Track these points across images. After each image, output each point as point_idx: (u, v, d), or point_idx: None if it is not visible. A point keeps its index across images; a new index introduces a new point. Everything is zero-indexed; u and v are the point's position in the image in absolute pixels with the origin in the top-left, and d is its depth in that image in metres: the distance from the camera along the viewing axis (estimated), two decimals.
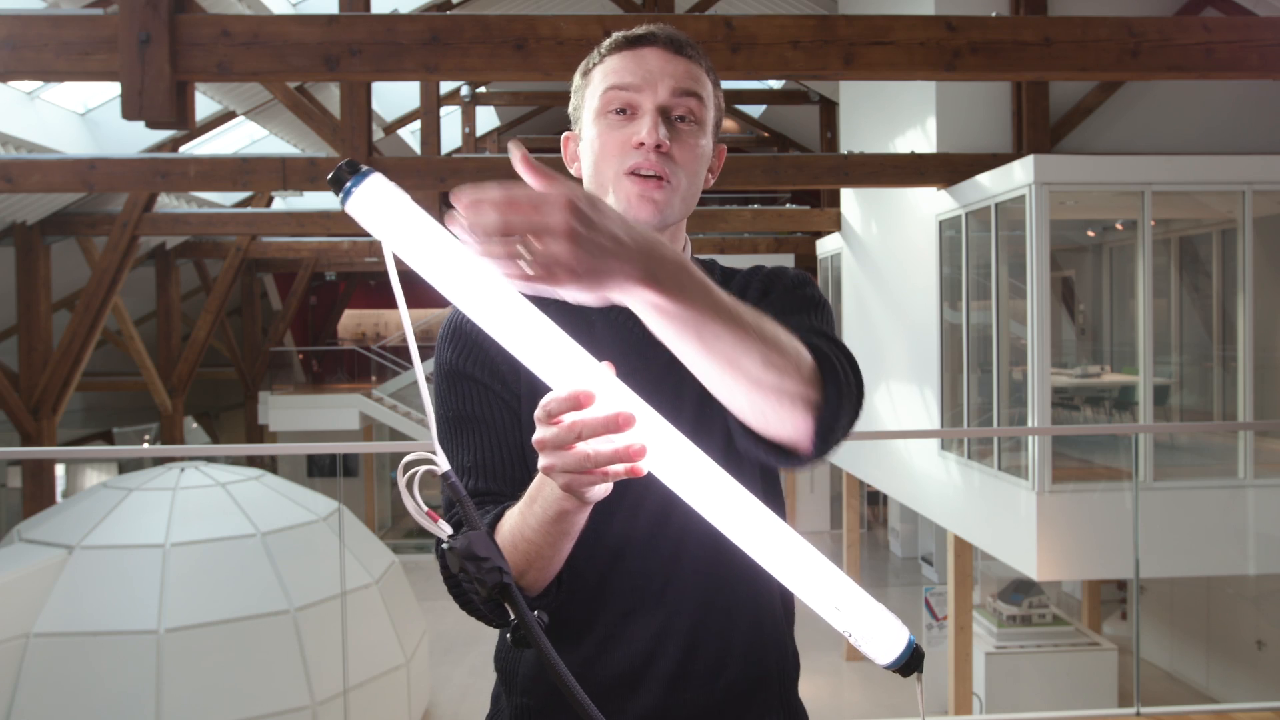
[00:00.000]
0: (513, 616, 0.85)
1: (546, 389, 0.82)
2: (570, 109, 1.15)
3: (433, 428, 0.87)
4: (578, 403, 0.78)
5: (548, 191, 0.70)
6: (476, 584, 0.83)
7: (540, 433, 0.80)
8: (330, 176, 0.77)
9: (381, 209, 0.77)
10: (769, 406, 0.87)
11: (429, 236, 0.77)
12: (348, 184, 0.77)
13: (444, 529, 0.84)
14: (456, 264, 0.78)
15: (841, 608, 0.89)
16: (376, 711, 7.66)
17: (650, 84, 1.06)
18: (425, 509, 0.82)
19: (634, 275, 0.74)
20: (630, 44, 1.08)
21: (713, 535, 0.87)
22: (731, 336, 0.81)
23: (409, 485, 0.81)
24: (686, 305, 0.78)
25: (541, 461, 0.82)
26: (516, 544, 0.95)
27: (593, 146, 1.08)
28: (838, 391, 0.90)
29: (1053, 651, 8.27)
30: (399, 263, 0.80)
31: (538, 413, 0.80)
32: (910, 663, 0.91)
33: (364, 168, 0.77)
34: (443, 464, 0.84)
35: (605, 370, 0.81)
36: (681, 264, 0.78)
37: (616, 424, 0.78)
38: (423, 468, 0.83)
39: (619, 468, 0.79)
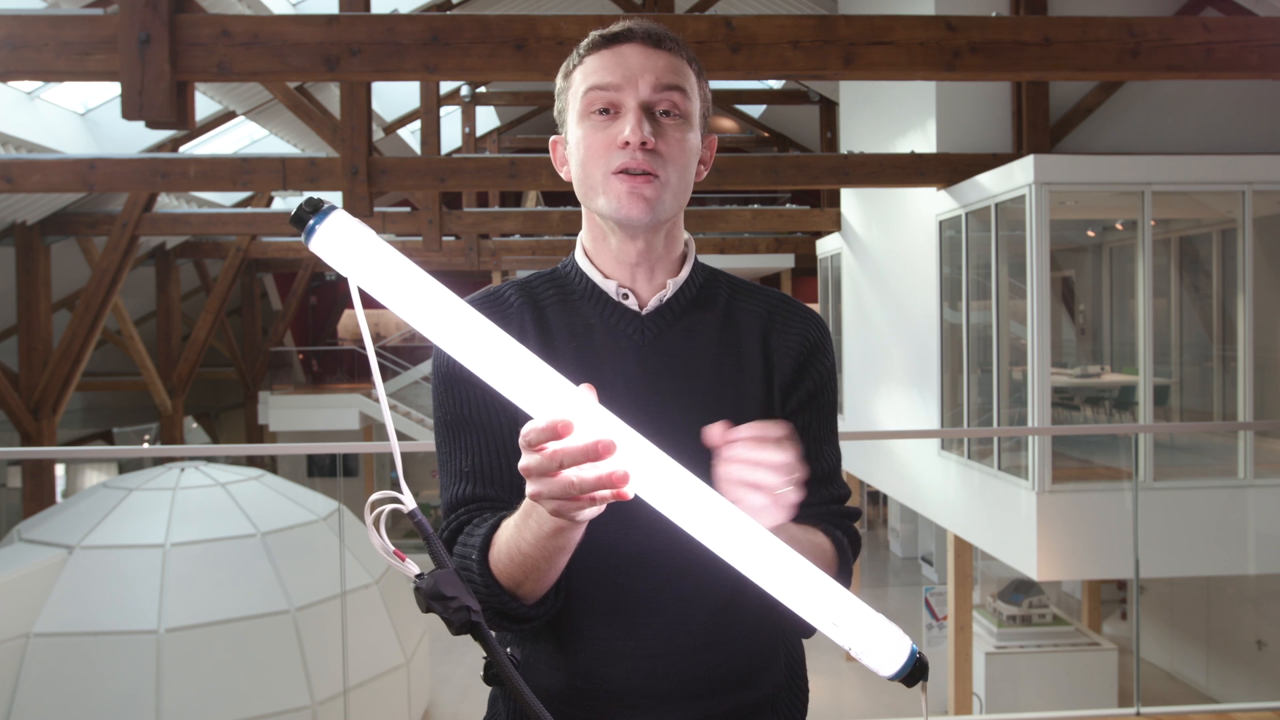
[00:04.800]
0: (485, 655, 0.84)
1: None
2: (555, 112, 1.13)
3: (398, 464, 0.86)
4: (556, 432, 0.78)
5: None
6: (445, 623, 0.83)
7: (523, 461, 0.80)
8: (292, 216, 0.77)
9: (345, 245, 0.77)
10: None
11: (395, 270, 0.77)
12: (310, 222, 0.77)
13: (410, 568, 0.83)
14: (423, 297, 0.78)
15: (840, 622, 0.87)
16: (376, 711, 7.66)
17: (631, 81, 1.04)
18: (392, 548, 0.81)
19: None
20: (608, 42, 1.06)
21: (720, 557, 0.87)
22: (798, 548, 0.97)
23: (375, 524, 0.80)
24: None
25: (528, 489, 0.82)
26: (513, 557, 0.94)
27: (579, 149, 1.07)
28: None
29: (1053, 651, 8.27)
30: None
31: (520, 440, 0.80)
32: (914, 673, 0.90)
33: (326, 204, 0.77)
34: (408, 502, 0.82)
35: (585, 393, 0.80)
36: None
37: (596, 451, 0.77)
38: (389, 506, 0.82)
39: (605, 493, 0.79)
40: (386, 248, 0.78)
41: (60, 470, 15.67)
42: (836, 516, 1.13)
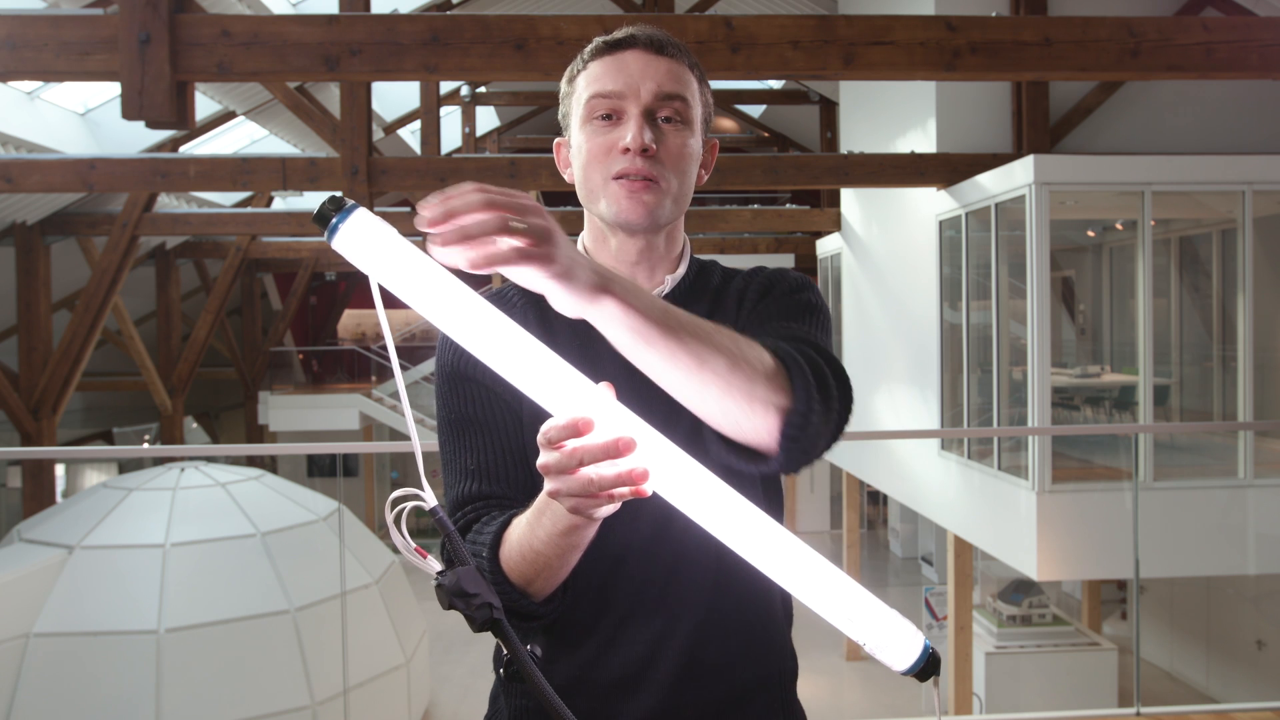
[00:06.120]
0: (505, 652, 0.85)
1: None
2: (560, 115, 1.15)
3: (419, 460, 0.87)
4: (576, 429, 0.78)
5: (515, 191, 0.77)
6: (467, 620, 0.84)
7: (543, 458, 0.81)
8: (315, 214, 0.77)
9: (369, 243, 0.77)
10: (736, 410, 0.87)
11: (419, 268, 0.77)
12: (333, 220, 0.76)
13: (433, 566, 0.84)
14: (446, 295, 0.77)
15: (855, 618, 0.89)
16: (376, 711, 7.66)
17: (633, 88, 1.06)
18: (414, 546, 0.82)
19: (593, 281, 0.78)
20: (611, 48, 1.08)
21: (713, 541, 0.87)
22: (698, 342, 0.84)
23: (396, 522, 0.81)
24: (643, 314, 0.81)
25: (547, 486, 0.83)
26: (524, 554, 0.95)
27: (581, 153, 1.08)
28: (806, 394, 0.89)
29: (1053, 651, 8.27)
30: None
31: (539, 438, 0.80)
32: (927, 667, 0.91)
33: (349, 203, 0.77)
34: (430, 500, 0.83)
35: (604, 391, 0.81)
36: (632, 279, 0.84)
37: (617, 449, 0.78)
38: (410, 504, 0.83)
39: (624, 490, 0.79)
40: (409, 246, 0.78)
41: (60, 470, 15.67)
42: (794, 341, 0.99)
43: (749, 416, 0.88)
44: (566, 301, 0.78)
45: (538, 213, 0.76)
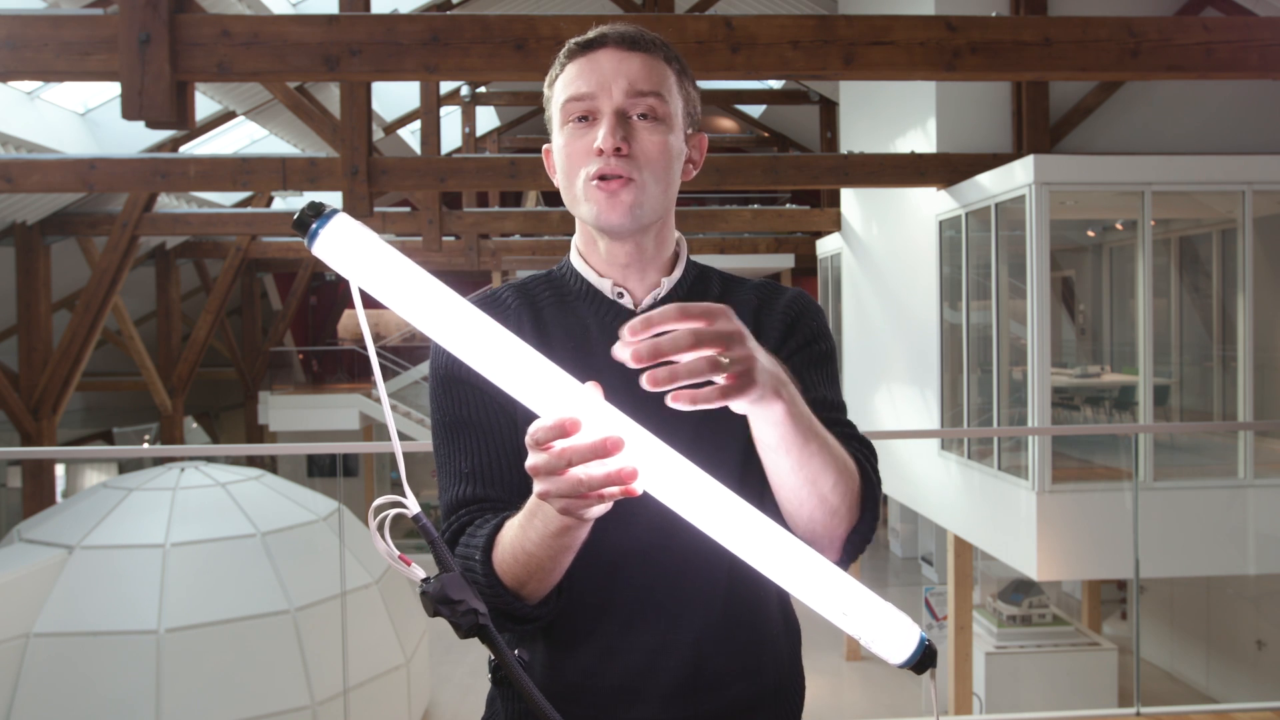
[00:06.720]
0: (492, 657, 0.85)
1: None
2: (545, 120, 1.15)
3: (401, 466, 0.86)
4: (564, 430, 0.78)
5: (713, 305, 0.78)
6: (453, 627, 0.84)
7: (531, 459, 0.80)
8: (294, 220, 0.77)
9: (348, 248, 0.77)
10: (821, 518, 0.96)
11: (398, 273, 0.77)
12: (313, 226, 0.76)
13: (416, 573, 0.84)
14: (427, 299, 0.77)
15: (849, 612, 0.88)
16: (376, 711, 7.66)
17: (604, 88, 1.04)
18: (398, 553, 0.81)
19: (772, 386, 0.82)
20: (584, 49, 1.07)
21: (716, 549, 0.87)
22: (821, 455, 0.91)
23: (380, 529, 0.80)
24: (796, 420, 0.86)
25: (536, 487, 0.82)
26: (517, 556, 0.95)
27: (561, 157, 1.08)
28: (873, 516, 1.01)
29: (1053, 651, 8.27)
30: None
31: (526, 439, 0.80)
32: (923, 660, 0.92)
33: (328, 208, 0.77)
34: (413, 506, 0.82)
35: (592, 391, 0.80)
36: (795, 385, 0.88)
37: (605, 449, 0.77)
38: (393, 511, 0.82)
39: (614, 489, 0.79)
40: (389, 250, 0.78)
41: (60, 470, 15.67)
42: (849, 440, 1.08)
43: (824, 525, 0.97)
44: (742, 404, 0.82)
45: (740, 339, 0.78)
